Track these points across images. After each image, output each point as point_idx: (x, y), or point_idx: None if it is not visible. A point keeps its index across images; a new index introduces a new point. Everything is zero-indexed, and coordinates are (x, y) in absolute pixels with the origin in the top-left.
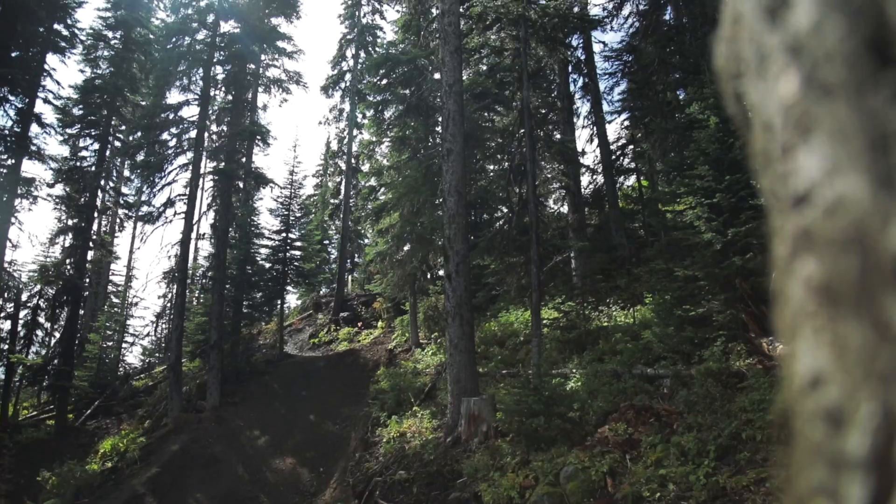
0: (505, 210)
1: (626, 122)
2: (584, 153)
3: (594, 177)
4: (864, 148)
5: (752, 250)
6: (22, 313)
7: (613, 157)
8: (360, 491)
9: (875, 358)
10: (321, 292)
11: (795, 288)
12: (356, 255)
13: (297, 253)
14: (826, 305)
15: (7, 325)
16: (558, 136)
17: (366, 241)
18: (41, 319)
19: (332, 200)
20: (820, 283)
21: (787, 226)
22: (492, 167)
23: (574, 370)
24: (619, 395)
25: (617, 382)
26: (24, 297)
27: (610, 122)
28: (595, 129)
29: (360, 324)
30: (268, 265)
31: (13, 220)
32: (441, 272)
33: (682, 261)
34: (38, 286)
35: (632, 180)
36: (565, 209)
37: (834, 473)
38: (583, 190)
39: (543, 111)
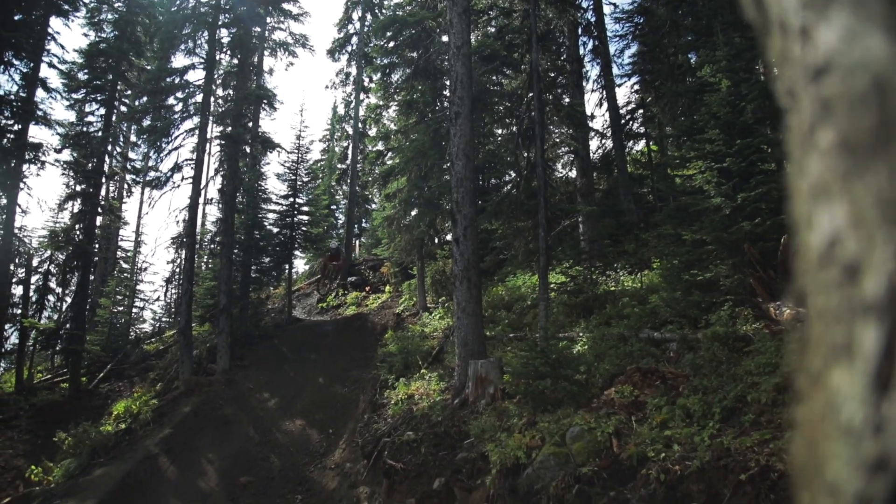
0: (513, 174)
1: (637, 86)
2: (593, 117)
3: (603, 141)
4: (883, 9)
5: (762, 215)
6: (33, 278)
7: (623, 121)
8: (368, 451)
9: (891, 204)
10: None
11: (813, 161)
12: (363, 220)
13: (305, 218)
14: (844, 165)
15: (19, 290)
16: (567, 100)
17: (373, 205)
18: (52, 284)
19: (339, 165)
20: (838, 142)
21: (805, 103)
22: (500, 131)
23: (581, 334)
24: (626, 359)
25: (623, 346)
26: (35, 262)
27: (620, 86)
28: (604, 92)
29: (367, 288)
30: (275, 230)
31: (22, 185)
32: (449, 236)
33: (690, 226)
34: (49, 251)
35: (641, 145)
36: (573, 174)
37: (849, 326)
38: (591, 154)
39: (552, 74)
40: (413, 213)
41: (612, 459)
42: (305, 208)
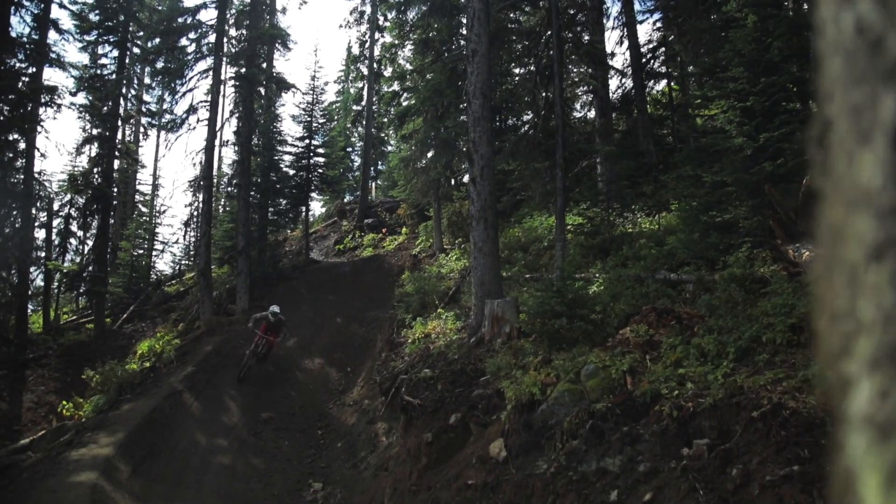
0: (530, 115)
1: (659, 23)
2: (613, 56)
3: (623, 80)
4: None
5: (784, 156)
6: (55, 222)
7: (643, 59)
8: (386, 388)
9: None
10: (345, 199)
11: None
12: (379, 162)
13: (321, 160)
14: None
15: (42, 234)
16: (587, 38)
17: (389, 147)
18: (74, 228)
19: (354, 107)
20: None
21: None
22: (518, 70)
23: (597, 275)
24: (642, 299)
25: (639, 287)
26: (55, 206)
27: (641, 23)
28: (625, 30)
29: (384, 230)
30: (292, 172)
31: (39, 129)
32: (465, 178)
33: (710, 167)
34: (69, 195)
35: (662, 84)
36: (592, 114)
37: (872, 93)
38: (611, 94)
39: (572, 11)
40: (429, 154)
41: (626, 396)
42: (321, 150)
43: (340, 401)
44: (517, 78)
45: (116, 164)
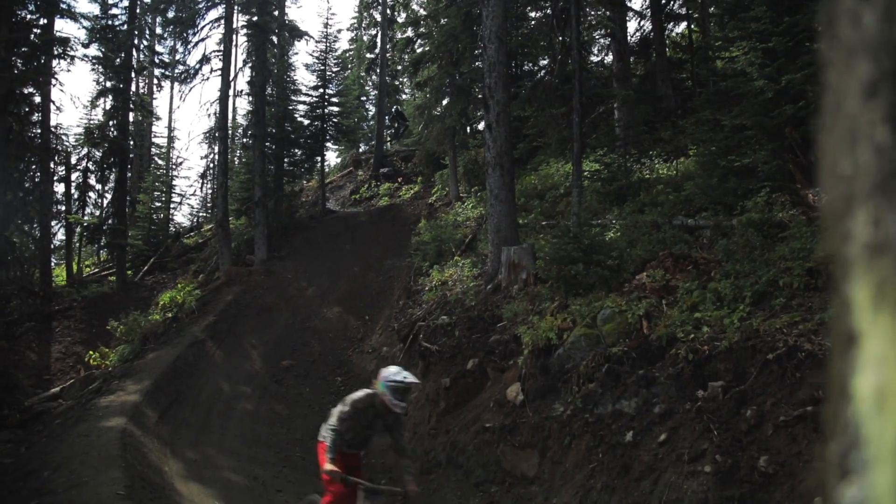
0: (547, 60)
1: None
2: None
3: (641, 23)
4: None
5: (806, 98)
6: (73, 176)
7: (663, 0)
8: (404, 335)
9: None
10: (360, 149)
11: None
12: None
13: (335, 109)
14: None
15: (61, 188)
16: None
17: (404, 95)
18: (92, 181)
19: (368, 55)
20: None
21: None
22: (534, 14)
23: (614, 221)
24: (658, 245)
25: (656, 233)
26: (73, 160)
27: None
28: None
29: (399, 179)
30: (306, 122)
31: (53, 81)
32: (481, 125)
33: (729, 111)
34: (86, 149)
35: (682, 27)
36: (609, 58)
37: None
38: (629, 37)
39: None
40: (444, 101)
41: (642, 340)
42: (336, 99)
43: (359, 348)
44: (533, 22)
45: (131, 116)
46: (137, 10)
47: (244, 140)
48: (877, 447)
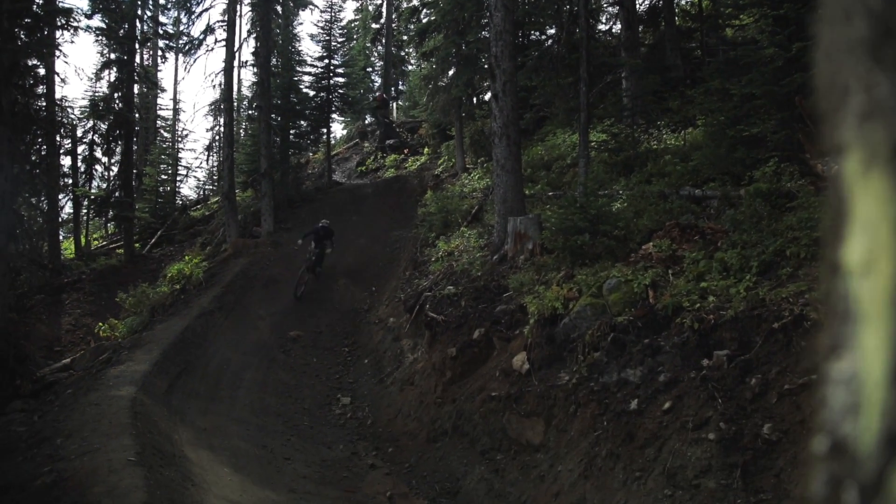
0: (554, 29)
1: None
2: None
3: None
4: None
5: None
6: (80, 149)
7: None
8: (410, 306)
9: None
10: (366, 121)
11: None
12: (400, 82)
13: (341, 80)
14: None
15: (68, 161)
16: None
17: (410, 66)
18: (98, 154)
19: (373, 25)
20: None
21: None
22: None
23: (620, 191)
24: (665, 215)
25: (663, 203)
26: (79, 133)
27: None
28: None
29: (406, 151)
30: (312, 93)
31: (57, 53)
32: (487, 95)
33: (738, 80)
34: (91, 121)
35: None
36: (617, 27)
37: None
38: (637, 6)
39: None
40: (451, 71)
41: (648, 309)
42: (341, 70)
43: (366, 319)
44: None
45: (136, 88)
46: None
47: (250, 112)
48: (867, 306)
